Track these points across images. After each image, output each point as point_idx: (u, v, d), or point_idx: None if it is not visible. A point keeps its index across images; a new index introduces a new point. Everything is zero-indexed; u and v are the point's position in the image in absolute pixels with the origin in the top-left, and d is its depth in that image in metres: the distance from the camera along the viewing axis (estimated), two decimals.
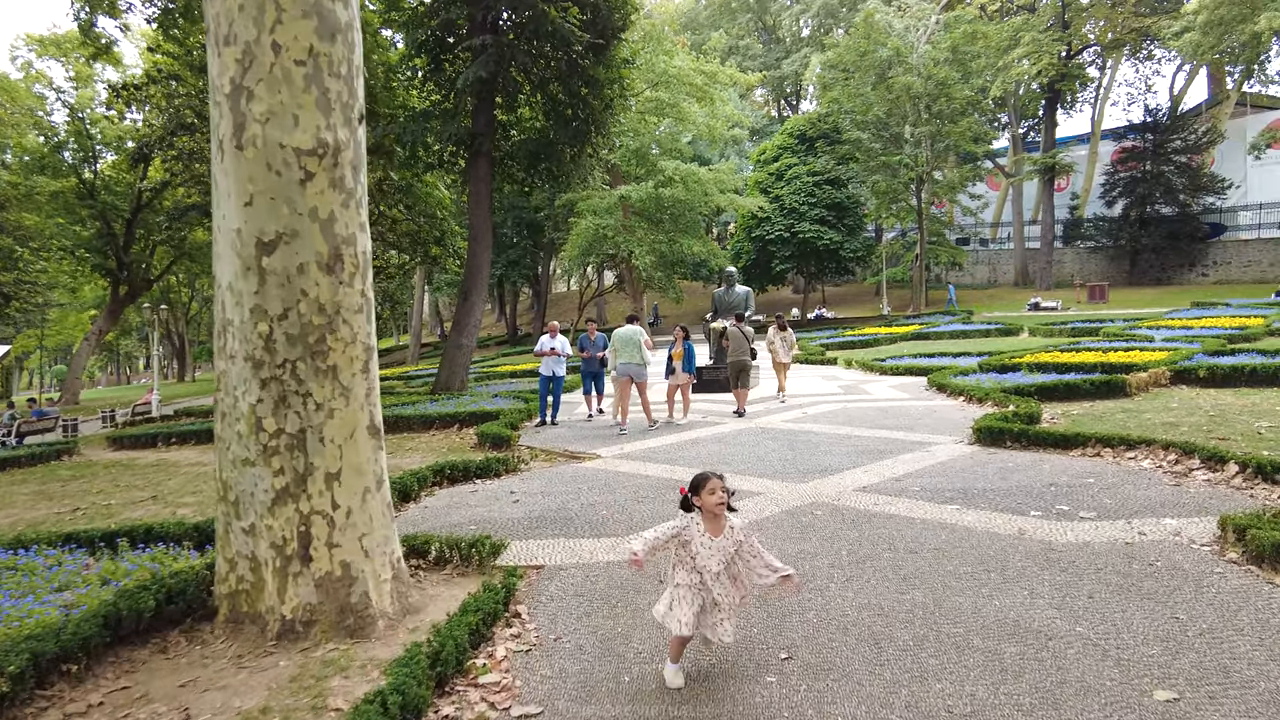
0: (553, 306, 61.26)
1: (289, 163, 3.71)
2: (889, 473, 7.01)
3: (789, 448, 8.55)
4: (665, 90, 27.80)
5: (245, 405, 3.94)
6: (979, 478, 6.62)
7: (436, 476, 7.50)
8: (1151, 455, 6.99)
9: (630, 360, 10.56)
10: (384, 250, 33.69)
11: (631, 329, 10.80)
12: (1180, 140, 38.54)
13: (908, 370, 16.38)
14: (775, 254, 34.53)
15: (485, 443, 9.83)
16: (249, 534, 4.03)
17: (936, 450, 8.04)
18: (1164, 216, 38.61)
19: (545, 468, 8.29)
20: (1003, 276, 45.76)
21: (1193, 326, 20.00)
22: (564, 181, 20.10)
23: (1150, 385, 11.83)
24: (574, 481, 7.33)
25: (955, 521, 5.37)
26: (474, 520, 6.08)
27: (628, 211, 30.29)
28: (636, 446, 9.23)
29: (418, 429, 12.19)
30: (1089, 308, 32.45)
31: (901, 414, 10.78)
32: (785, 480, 6.88)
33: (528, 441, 10.08)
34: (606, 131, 18.38)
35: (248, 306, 3.85)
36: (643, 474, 7.53)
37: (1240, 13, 27.60)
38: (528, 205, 40.54)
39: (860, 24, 31.02)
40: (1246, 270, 37.39)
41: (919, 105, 30.80)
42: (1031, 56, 33.73)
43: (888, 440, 8.71)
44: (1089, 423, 9.19)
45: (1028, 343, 21.24)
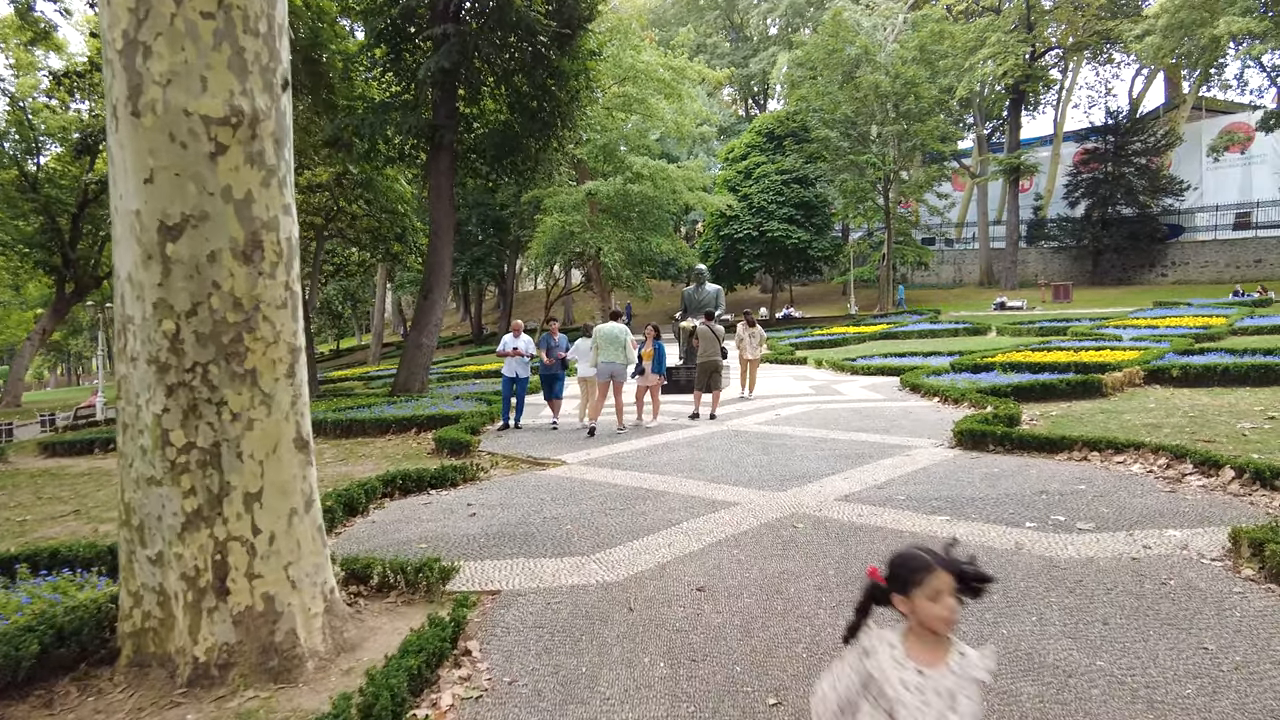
0: (519, 306, 60.45)
1: (196, 133, 3.17)
2: (871, 479, 6.64)
3: (764, 452, 8.14)
4: (633, 85, 27.34)
5: (149, 416, 3.39)
6: (966, 485, 6.28)
7: (387, 487, 6.94)
8: (1141, 459, 6.72)
9: (613, 360, 10.09)
10: (344, 247, 32.80)
11: (615, 326, 10.32)
12: (1140, 142, 39.17)
13: (879, 370, 16.14)
14: (744, 253, 34.28)
15: (443, 449, 9.28)
16: (156, 564, 3.48)
17: (917, 454, 7.70)
18: (1125, 217, 39.20)
19: (506, 476, 7.77)
20: (968, 276, 46.15)
21: (1158, 326, 20.11)
22: (529, 176, 19.54)
23: (1125, 385, 11.68)
24: (536, 492, 6.83)
25: (947, 534, 4.99)
26: (425, 537, 5.55)
27: (595, 208, 29.78)
28: (604, 452, 8.76)
29: (373, 433, 11.58)
30: (1054, 307, 32.76)
31: (877, 415, 10.46)
32: (763, 488, 6.47)
33: (489, 446, 9.54)
34: (573, 125, 17.88)
35: (150, 301, 3.30)
36: (611, 482, 7.06)
37: (1199, 17, 28.01)
38: (493, 202, 39.77)
39: (829, 21, 30.88)
40: (1204, 270, 38.10)
41: (886, 104, 30.77)
42: (997, 57, 33.94)
43: (866, 444, 8.36)
44: (1069, 424, 8.94)
45: (996, 342, 21.20)
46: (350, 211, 27.40)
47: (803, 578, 4.33)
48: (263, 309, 3.47)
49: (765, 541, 5.01)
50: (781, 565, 4.54)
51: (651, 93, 28.92)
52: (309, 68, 18.89)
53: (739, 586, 4.24)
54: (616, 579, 4.46)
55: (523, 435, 10.40)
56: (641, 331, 11.01)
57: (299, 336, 3.68)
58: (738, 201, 33.56)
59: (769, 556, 4.71)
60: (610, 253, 28.87)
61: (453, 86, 17.12)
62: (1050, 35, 39.36)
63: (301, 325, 3.72)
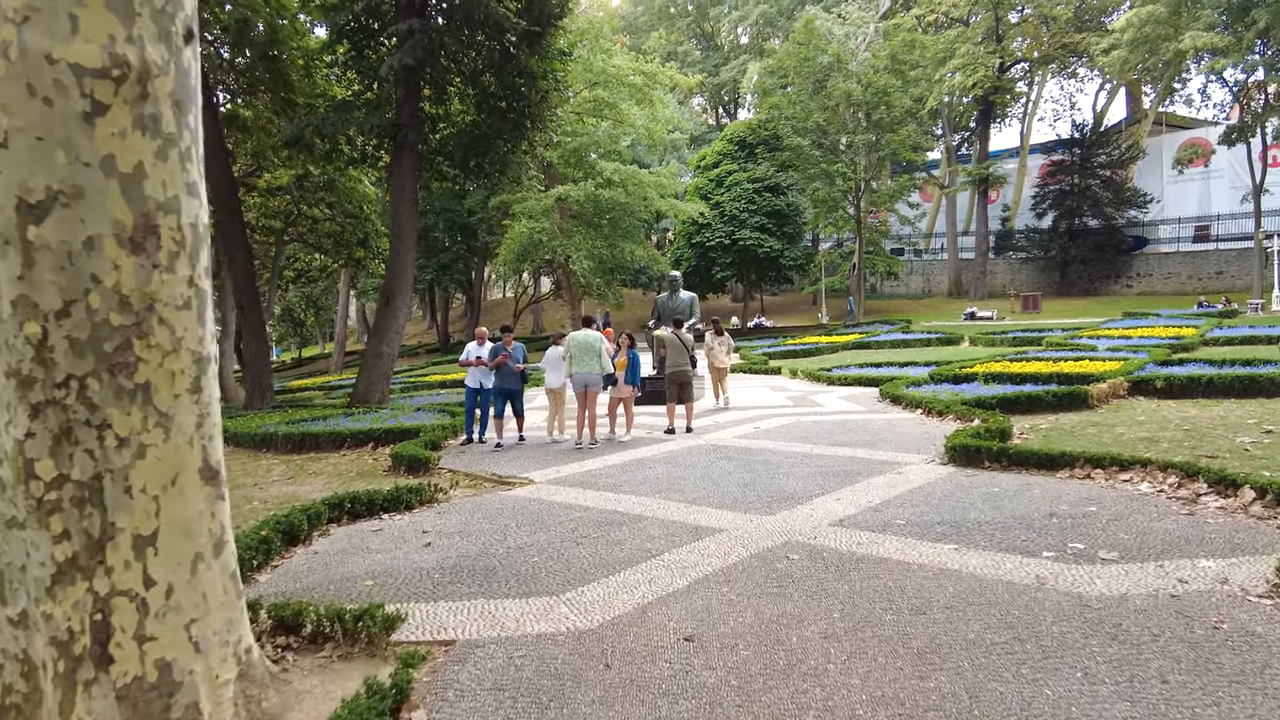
0: (488, 314, 59.53)
1: (65, 86, 2.53)
2: (865, 500, 6.12)
3: (746, 469, 7.60)
4: (604, 89, 26.84)
5: (9, 442, 2.72)
6: (968, 507, 5.79)
7: (335, 511, 6.26)
8: (1149, 477, 6.30)
9: (588, 369, 9.47)
10: (307, 253, 31.77)
11: (590, 334, 9.72)
12: (1105, 155, 39.70)
13: (856, 380, 15.75)
14: (716, 261, 33.93)
15: (400, 466, 8.59)
16: (19, 626, 2.81)
17: (910, 472, 7.21)
18: (1091, 229, 39.66)
19: (468, 497, 7.13)
20: (936, 286, 46.37)
21: (1131, 336, 20.08)
22: (497, 178, 18.88)
23: (1110, 397, 11.40)
24: (500, 516, 6.20)
25: (958, 567, 4.48)
26: (373, 571, 4.90)
27: (565, 214, 29.18)
28: (574, 469, 8.15)
29: (327, 448, 10.83)
30: (1023, 317, 32.91)
31: (861, 429, 10.00)
32: (749, 511, 5.92)
33: (450, 463, 8.87)
34: (543, 126, 17.28)
35: (8, 298, 2.64)
36: (582, 504, 6.45)
37: (1164, 32, 28.35)
38: (460, 208, 39.00)
39: (800, 29, 30.73)
40: (1167, 282, 38.65)
41: (858, 113, 30.68)
42: (967, 68, 34.11)
43: (854, 460, 7.86)
44: (1061, 438, 8.56)
45: (971, 352, 21.00)
46: (312, 215, 26.50)
47: (805, 623, 3.77)
48: (159, 310, 2.82)
49: (758, 577, 4.45)
50: (779, 607, 3.97)
51: (623, 98, 28.46)
52: (268, 64, 18.10)
53: (733, 635, 3.66)
54: (590, 626, 3.86)
55: (487, 450, 9.74)
56: (615, 340, 10.41)
57: (207, 343, 3.03)
58: (709, 209, 33.20)
59: (764, 596, 4.15)
60: (579, 260, 28.26)
61: (417, 85, 16.44)
62: (1017, 49, 39.81)
63: (211, 330, 3.07)
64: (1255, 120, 29.10)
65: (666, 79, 27.34)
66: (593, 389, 9.44)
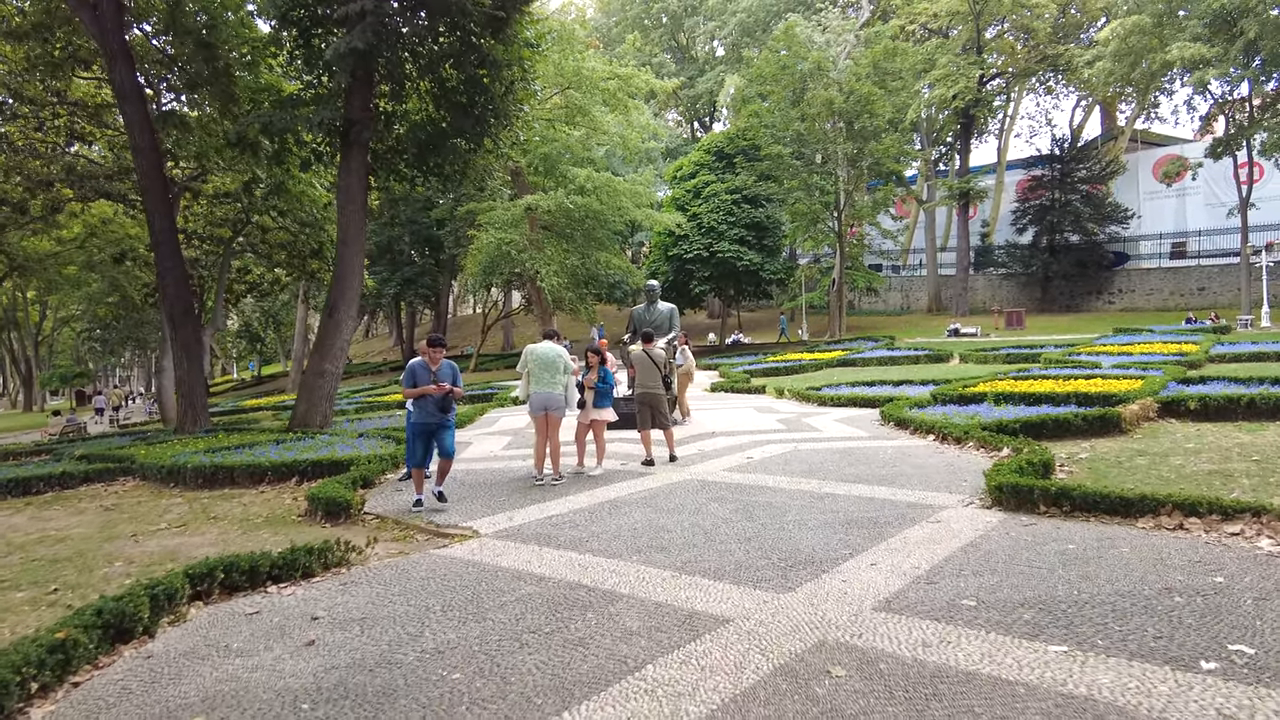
0: (457, 329, 57.68)
1: None
2: (909, 565, 4.65)
3: (746, 515, 6.11)
4: (577, 92, 25.48)
5: None
6: (1049, 576, 4.34)
7: (200, 584, 4.63)
8: (1267, 529, 4.91)
9: (549, 389, 7.93)
10: (259, 264, 29.83)
11: (551, 348, 8.16)
12: (1085, 170, 39.20)
13: (851, 401, 14.37)
14: (694, 274, 32.57)
15: (317, 509, 6.98)
16: None
17: (950, 519, 5.78)
18: (1072, 245, 39.06)
19: (390, 557, 5.53)
20: (916, 303, 45.53)
21: (1132, 352, 19.03)
22: (458, 181, 17.35)
23: (1140, 419, 10.13)
24: (423, 592, 4.62)
25: (1086, 690, 3.00)
26: (214, 698, 3.30)
27: (535, 225, 27.67)
28: (532, 515, 6.58)
29: (243, 484, 9.16)
30: (1009, 334, 31.98)
31: (871, 459, 8.56)
32: (760, 585, 4.41)
33: (381, 506, 7.27)
34: (508, 123, 15.80)
35: None
36: (535, 572, 4.90)
37: (1149, 43, 27.75)
38: (428, 219, 37.40)
39: (780, 35, 29.71)
40: (1150, 298, 38.08)
41: (839, 123, 29.65)
42: (948, 79, 33.36)
43: (876, 503, 6.41)
44: (1112, 471, 7.22)
45: (964, 370, 19.82)
46: (262, 224, 24.70)
47: None
48: None
49: (790, 713, 2.94)
50: None
51: (596, 103, 27.15)
52: (205, 54, 16.46)
53: None
54: None
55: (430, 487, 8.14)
56: (589, 355, 8.85)
57: None
58: (687, 221, 31.91)
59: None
60: (548, 275, 26.73)
61: (369, 76, 14.93)
62: (997, 62, 39.30)
63: None
64: (1241, 133, 28.54)
65: (642, 83, 26.06)
66: (554, 413, 7.90)
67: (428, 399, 7.14)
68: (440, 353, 7.41)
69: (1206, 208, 39.36)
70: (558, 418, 7.96)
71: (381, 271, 39.00)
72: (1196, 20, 27.01)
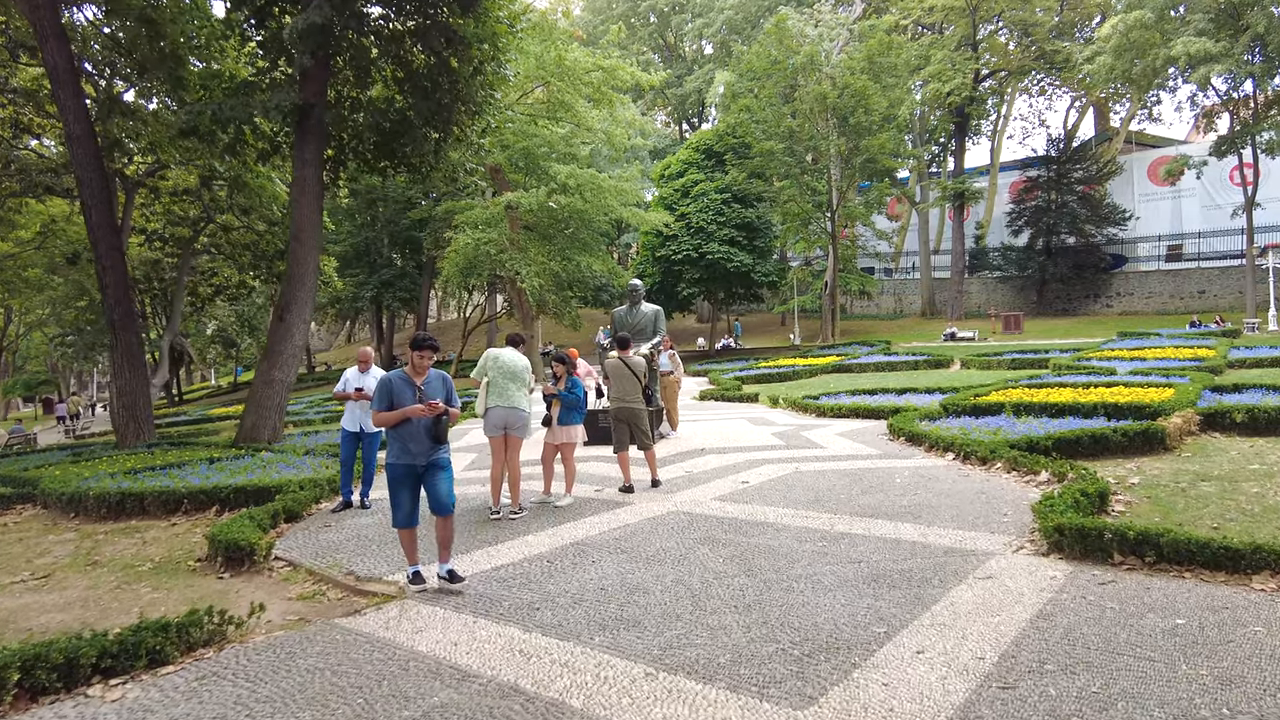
0: (440, 335, 56.21)
1: None
2: (967, 653, 3.42)
3: (744, 568, 4.86)
4: (560, 84, 24.21)
5: None
6: (1170, 676, 3.11)
7: None
8: None
9: (510, 403, 6.68)
10: (224, 266, 28.38)
11: (513, 355, 6.91)
12: (1082, 171, 38.27)
13: (853, 411, 13.15)
14: (683, 275, 31.28)
15: (217, 554, 5.68)
16: None
17: (1001, 571, 4.55)
18: (1069, 247, 38.10)
19: (281, 631, 4.24)
20: (909, 307, 44.49)
21: (1146, 357, 17.95)
22: (428, 172, 16.07)
23: (1182, 433, 8.97)
24: (301, 698, 3.33)
25: None
26: None
27: (516, 225, 26.35)
28: (476, 564, 5.30)
29: (155, 513, 7.84)
30: (1007, 338, 30.94)
31: (887, 484, 7.34)
32: (767, 692, 3.14)
33: (299, 548, 5.97)
34: (478, 109, 14.54)
35: None
36: (459, 664, 3.61)
37: (1151, 38, 26.81)
38: (408, 219, 36.03)
39: (771, 29, 28.58)
40: (1149, 301, 37.15)
41: (831, 119, 28.52)
42: (943, 75, 32.35)
43: (902, 545, 5.18)
44: (1173, 501, 6.08)
45: (968, 376, 18.68)
46: (223, 223, 23.31)
47: None
48: None
49: None
50: None
51: (580, 98, 25.90)
52: (150, 32, 15.12)
53: None
54: None
55: (366, 522, 6.84)
56: (554, 364, 7.56)
57: None
58: (675, 221, 30.66)
59: None
60: (529, 277, 25.40)
61: (326, 56, 13.65)
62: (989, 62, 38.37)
63: None
64: (1246, 131, 27.63)
65: (627, 75, 24.81)
66: (515, 433, 6.63)
67: (412, 425, 4.91)
68: (429, 358, 6.00)
69: (1203, 210, 38.55)
70: (518, 439, 6.69)
71: (358, 274, 37.59)
72: (1201, 15, 26.10)
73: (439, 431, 4.91)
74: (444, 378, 5.31)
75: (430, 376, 5.15)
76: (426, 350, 5.13)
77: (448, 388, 5.18)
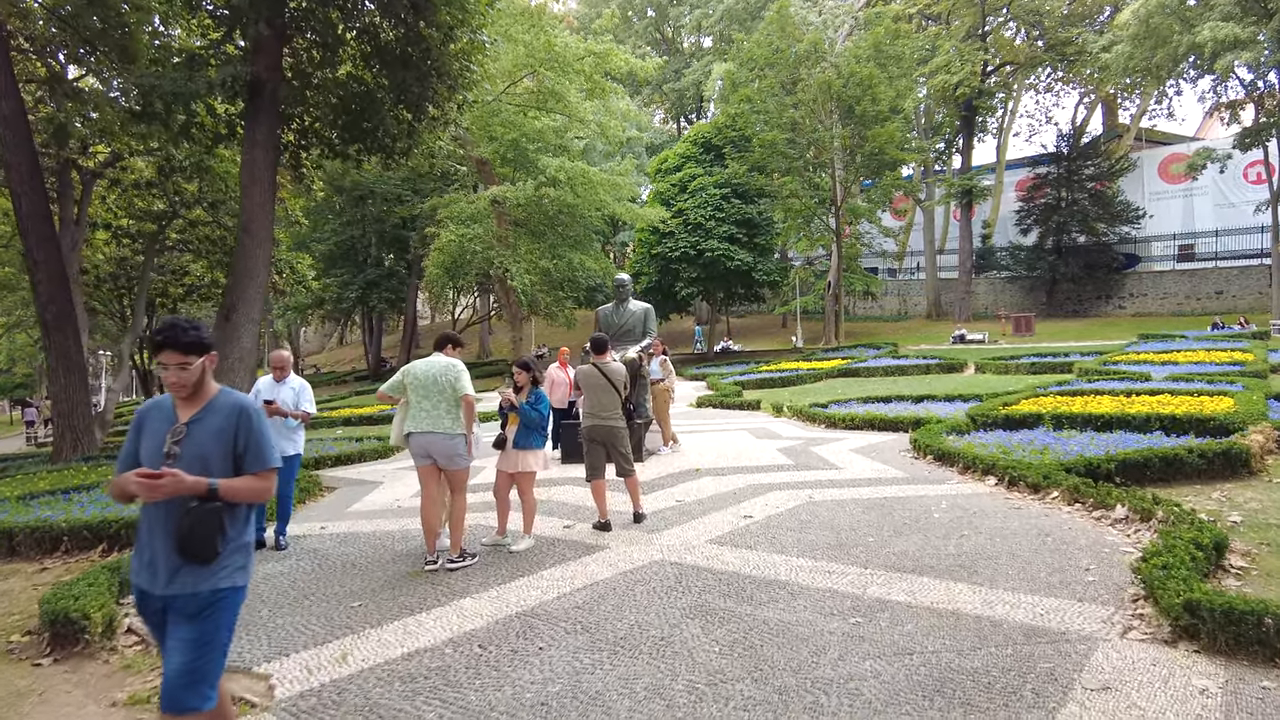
0: (430, 336, 54.80)
1: None
2: None
3: (750, 666, 3.45)
4: (550, 72, 22.84)
5: None
6: None
7: None
8: None
9: (430, 427, 5.24)
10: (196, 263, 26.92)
11: (438, 363, 5.44)
12: (1093, 167, 36.92)
13: (868, 423, 11.75)
14: (680, 274, 29.83)
15: (46, 628, 4.27)
16: None
17: (1113, 672, 3.15)
18: (1080, 246, 36.76)
19: None
20: (914, 308, 43.12)
21: (1178, 362, 16.62)
22: (402, 155, 14.68)
23: (1263, 453, 7.59)
24: None
25: None
26: None
27: (503, 221, 24.96)
28: (379, 653, 3.87)
29: (28, 553, 6.45)
30: (1018, 340, 29.58)
31: (924, 521, 5.94)
32: None
33: None
34: (455, 81, 13.15)
35: None
36: None
37: (1171, 25, 25.45)
38: (395, 215, 34.62)
39: (773, 16, 27.22)
40: (1163, 302, 35.78)
41: (833, 112, 27.13)
42: (950, 65, 31.01)
43: (962, 623, 3.78)
44: None
45: (986, 382, 17.32)
46: (189, 217, 21.86)
47: None
48: None
49: None
50: None
51: (572, 88, 24.55)
52: None
53: None
54: None
55: (275, 570, 5.44)
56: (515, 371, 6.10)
57: None
58: (672, 217, 29.25)
59: None
60: (520, 274, 24.02)
61: (282, 24, 12.28)
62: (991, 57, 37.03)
63: None
64: (1272, 123, 26.27)
65: (620, 61, 23.44)
66: (444, 462, 5.20)
67: (153, 513, 2.41)
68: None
69: (1216, 208, 37.28)
70: (459, 474, 5.26)
71: (342, 274, 36.17)
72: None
73: (195, 535, 2.39)
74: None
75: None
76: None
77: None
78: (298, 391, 6.14)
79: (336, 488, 9.04)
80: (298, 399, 6.12)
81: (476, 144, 23.98)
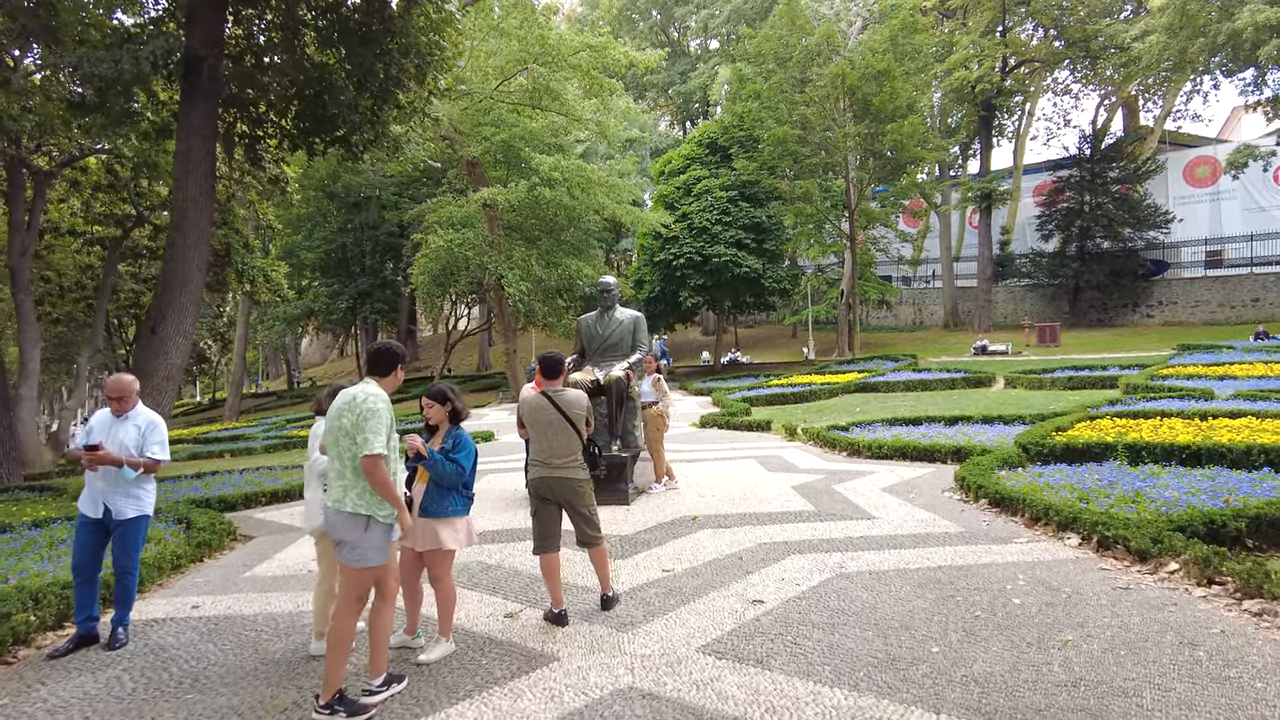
0: (430, 349, 53.33)
1: None
2: None
3: None
4: (544, 68, 21.34)
5: None
6: None
7: None
8: None
9: (329, 500, 3.53)
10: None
11: (340, 401, 3.61)
12: (1118, 170, 35.15)
13: (896, 450, 10.03)
14: (685, 281, 28.15)
15: None
16: None
17: None
18: (1105, 252, 34.92)
19: None
20: (930, 318, 41.32)
21: (1237, 376, 14.89)
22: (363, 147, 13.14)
23: None
24: None
25: None
26: None
27: (495, 225, 23.41)
28: None
29: None
30: (1043, 352, 27.75)
31: (1000, 610, 4.25)
32: None
33: None
34: (424, 59, 11.59)
35: None
36: None
37: (1208, 11, 23.79)
38: (386, 221, 33.21)
39: (783, 9, 25.66)
40: (1195, 311, 33.88)
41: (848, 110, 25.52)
42: (969, 61, 29.39)
43: None
44: None
45: (1020, 398, 15.56)
46: (155, 222, 20.43)
47: None
48: None
49: None
50: None
51: (569, 86, 23.05)
52: None
53: None
54: None
55: (87, 683, 3.79)
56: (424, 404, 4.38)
57: None
58: (676, 221, 27.61)
59: None
60: (514, 281, 22.43)
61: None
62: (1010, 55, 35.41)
63: None
64: None
65: (619, 55, 21.93)
66: (335, 551, 3.55)
67: None
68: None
69: (1244, 212, 35.50)
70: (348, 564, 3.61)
71: (333, 284, 34.74)
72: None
73: None
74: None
75: None
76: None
77: None
78: (143, 430, 4.51)
79: (255, 536, 7.41)
80: (142, 441, 4.49)
81: (466, 144, 22.47)
